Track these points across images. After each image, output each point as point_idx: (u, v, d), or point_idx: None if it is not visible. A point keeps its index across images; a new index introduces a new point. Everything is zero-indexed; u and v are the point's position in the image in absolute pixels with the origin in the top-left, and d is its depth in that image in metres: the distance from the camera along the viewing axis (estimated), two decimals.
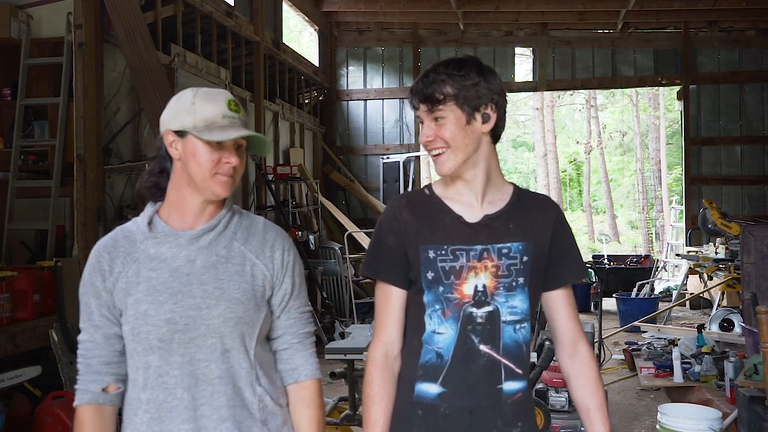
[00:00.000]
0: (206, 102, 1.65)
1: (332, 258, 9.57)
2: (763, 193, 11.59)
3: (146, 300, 1.64)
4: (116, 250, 1.69)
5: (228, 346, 1.67)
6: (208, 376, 1.65)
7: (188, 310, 1.64)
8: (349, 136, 12.20)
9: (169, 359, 1.64)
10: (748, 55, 11.64)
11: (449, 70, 1.69)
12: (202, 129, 1.63)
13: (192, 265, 1.67)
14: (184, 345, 1.64)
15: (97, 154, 5.36)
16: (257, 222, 1.80)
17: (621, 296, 9.42)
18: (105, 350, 1.68)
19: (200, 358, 1.65)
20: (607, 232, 22.60)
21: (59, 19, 5.47)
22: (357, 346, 4.37)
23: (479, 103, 1.69)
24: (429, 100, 1.69)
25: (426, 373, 1.73)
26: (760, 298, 5.36)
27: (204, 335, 1.65)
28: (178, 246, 1.68)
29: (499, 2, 11.23)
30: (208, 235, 1.70)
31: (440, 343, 1.71)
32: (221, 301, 1.66)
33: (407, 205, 1.78)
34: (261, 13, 8.94)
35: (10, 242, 5.39)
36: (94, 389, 1.67)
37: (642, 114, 25.77)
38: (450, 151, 1.70)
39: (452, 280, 1.70)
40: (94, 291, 1.68)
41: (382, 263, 1.77)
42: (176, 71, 6.58)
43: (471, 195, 1.76)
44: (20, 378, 4.33)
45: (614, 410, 5.50)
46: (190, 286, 1.66)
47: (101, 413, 1.68)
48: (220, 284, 1.67)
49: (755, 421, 3.80)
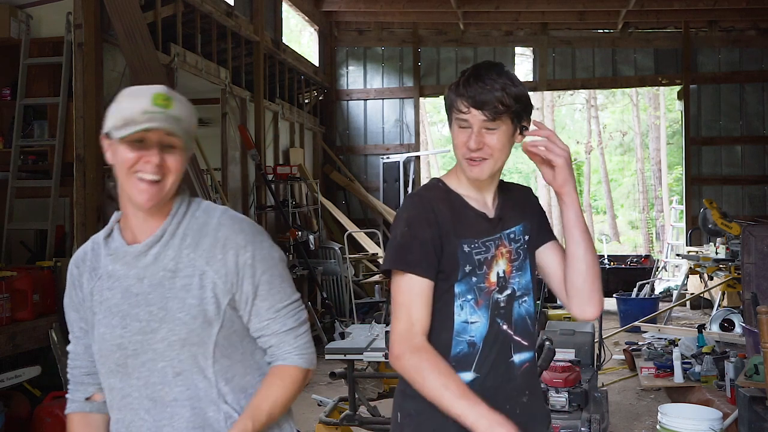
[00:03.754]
0: (129, 99, 1.51)
1: (332, 258, 9.56)
2: (764, 193, 11.58)
3: (103, 323, 1.60)
4: (84, 264, 1.64)
5: (178, 369, 1.56)
6: (165, 399, 1.57)
7: (135, 334, 1.55)
8: (349, 136, 12.19)
9: (129, 381, 1.58)
10: (749, 55, 11.63)
11: (503, 80, 1.71)
12: (120, 127, 1.49)
13: (141, 284, 1.57)
14: (138, 369, 1.57)
15: (97, 154, 5.35)
16: (212, 219, 1.61)
17: (621, 296, 9.42)
18: (85, 361, 1.67)
19: (155, 381, 1.57)
20: (608, 232, 22.59)
21: (59, 19, 5.47)
22: (357, 346, 4.37)
23: (523, 116, 1.77)
24: (488, 109, 1.70)
25: (459, 364, 1.76)
26: (760, 298, 5.36)
27: (153, 359, 1.55)
28: (127, 264, 1.58)
29: (499, 2, 11.22)
30: (154, 249, 1.57)
31: (473, 332, 1.78)
32: (164, 324, 1.54)
33: (438, 199, 1.81)
34: (261, 13, 8.93)
35: (9, 242, 5.39)
36: (78, 398, 1.68)
37: (642, 114, 25.75)
38: (492, 160, 1.76)
39: (484, 270, 1.79)
40: (72, 304, 1.67)
41: (418, 256, 1.74)
42: (176, 71, 6.58)
43: (487, 194, 1.85)
44: (20, 378, 4.33)
45: (614, 410, 5.49)
46: (138, 308, 1.56)
47: (88, 421, 1.68)
48: (164, 304, 1.55)
49: (756, 421, 3.80)
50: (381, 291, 9.56)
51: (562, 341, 4.53)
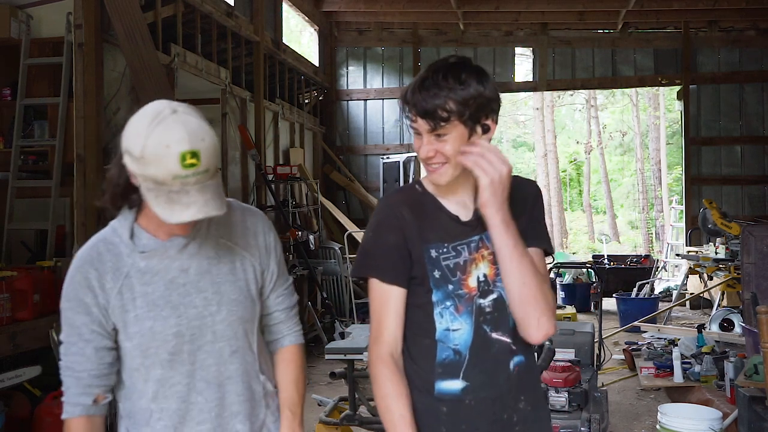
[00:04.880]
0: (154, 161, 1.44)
1: (332, 258, 9.57)
2: (763, 193, 11.58)
3: (149, 316, 1.61)
4: (103, 265, 1.63)
5: (235, 347, 1.70)
6: (219, 378, 1.69)
7: (193, 320, 1.64)
8: (349, 136, 12.20)
9: (180, 369, 1.65)
10: (749, 55, 11.63)
11: (449, 83, 1.60)
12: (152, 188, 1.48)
13: (186, 274, 1.65)
14: (194, 354, 1.66)
15: (97, 154, 5.36)
16: (233, 210, 1.74)
17: (621, 296, 9.41)
18: (95, 363, 1.66)
19: (210, 363, 1.68)
20: (607, 232, 22.58)
21: (59, 19, 5.47)
22: (357, 346, 4.37)
23: (480, 116, 1.65)
24: (431, 117, 1.61)
25: (445, 371, 1.73)
26: (760, 298, 5.36)
27: (211, 341, 1.67)
28: (168, 257, 1.64)
29: (499, 2, 11.22)
30: (195, 241, 1.65)
31: (457, 340, 1.72)
32: (222, 306, 1.67)
33: (405, 203, 1.74)
34: (261, 13, 8.94)
35: (10, 242, 5.39)
36: (85, 402, 1.67)
37: (642, 114, 25.76)
38: (449, 165, 1.67)
39: (459, 276, 1.72)
40: (83, 307, 1.63)
41: (382, 262, 1.72)
42: (176, 71, 6.58)
43: (464, 194, 1.76)
44: (20, 378, 4.33)
45: (614, 410, 5.50)
46: (189, 296, 1.64)
47: (92, 424, 1.68)
48: (217, 288, 1.67)
49: (755, 421, 3.80)
50: None
51: (561, 341, 4.54)
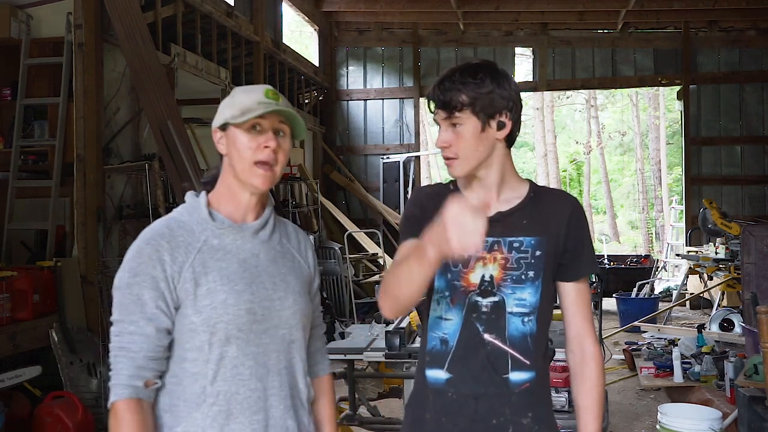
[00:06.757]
0: (244, 93, 1.71)
1: (332, 258, 9.56)
2: (763, 193, 11.59)
3: (222, 289, 1.61)
4: (175, 239, 1.63)
5: (293, 337, 1.73)
6: (278, 366, 1.69)
7: (263, 300, 1.67)
8: (349, 136, 12.20)
9: (246, 350, 1.63)
10: (749, 55, 11.64)
11: (464, 78, 1.71)
12: (238, 116, 1.66)
13: (257, 258, 1.71)
14: (259, 335, 1.66)
15: (97, 154, 5.37)
16: (287, 223, 1.88)
17: (621, 296, 9.41)
18: (153, 344, 1.59)
19: (272, 348, 1.68)
20: (607, 232, 22.60)
21: (59, 19, 5.48)
22: (357, 346, 4.36)
23: (494, 111, 1.72)
24: (446, 107, 1.72)
25: (432, 360, 1.78)
26: (760, 298, 5.36)
27: (276, 326, 1.69)
28: (242, 238, 1.70)
29: (499, 2, 11.23)
30: (265, 230, 1.74)
31: (446, 330, 1.77)
32: (289, 294, 1.72)
33: (430, 194, 1.84)
34: (261, 13, 8.94)
35: (10, 242, 5.40)
36: (137, 384, 1.57)
37: (642, 114, 25.76)
38: (462, 159, 1.73)
39: (459, 267, 1.75)
40: (152, 281, 1.59)
41: (410, 233, 1.77)
42: (176, 71, 6.58)
43: (485, 192, 1.80)
44: (20, 378, 4.33)
45: (614, 410, 5.50)
46: (260, 277, 1.69)
47: (143, 408, 1.58)
48: (283, 277, 1.73)
49: (755, 421, 3.80)
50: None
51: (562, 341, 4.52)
